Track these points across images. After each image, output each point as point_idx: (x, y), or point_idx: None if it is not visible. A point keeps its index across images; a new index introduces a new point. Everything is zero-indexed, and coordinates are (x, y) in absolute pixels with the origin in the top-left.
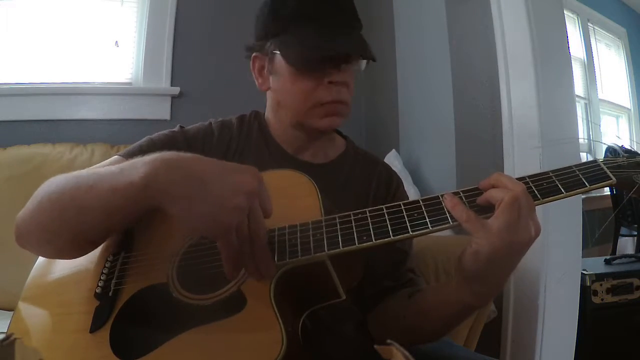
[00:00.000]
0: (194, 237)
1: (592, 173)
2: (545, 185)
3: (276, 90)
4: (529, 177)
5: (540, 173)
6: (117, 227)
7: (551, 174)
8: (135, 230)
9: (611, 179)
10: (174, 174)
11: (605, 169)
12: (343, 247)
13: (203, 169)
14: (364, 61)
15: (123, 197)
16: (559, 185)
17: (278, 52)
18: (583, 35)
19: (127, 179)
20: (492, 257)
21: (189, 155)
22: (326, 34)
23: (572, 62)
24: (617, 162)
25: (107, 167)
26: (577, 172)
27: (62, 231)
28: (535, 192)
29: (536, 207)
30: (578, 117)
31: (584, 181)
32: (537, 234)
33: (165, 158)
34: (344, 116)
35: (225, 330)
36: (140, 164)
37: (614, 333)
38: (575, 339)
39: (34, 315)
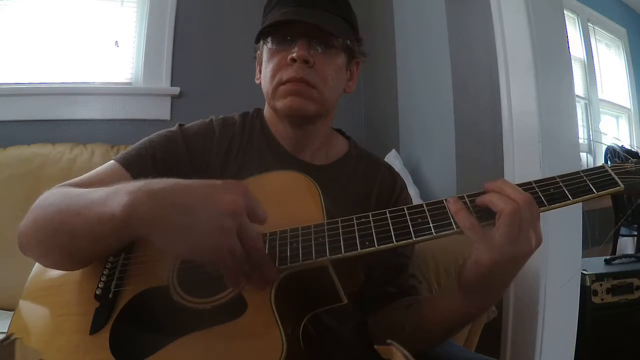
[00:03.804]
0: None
1: (600, 179)
2: (552, 191)
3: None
4: (535, 182)
5: (546, 178)
6: (107, 252)
7: (558, 179)
8: None
9: (619, 185)
10: (156, 205)
11: (614, 175)
12: (345, 252)
13: (185, 197)
14: (339, 39)
15: (106, 227)
16: (566, 191)
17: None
18: (583, 35)
19: (110, 209)
20: (492, 267)
21: (171, 182)
22: (289, 12)
23: (572, 62)
24: (625, 168)
25: (96, 190)
26: (585, 178)
27: (56, 250)
28: (542, 197)
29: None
30: (578, 117)
31: (592, 187)
32: (538, 244)
33: (147, 189)
34: (308, 98)
35: (226, 335)
36: (123, 194)
37: (614, 333)
38: (575, 339)
39: (34, 315)
